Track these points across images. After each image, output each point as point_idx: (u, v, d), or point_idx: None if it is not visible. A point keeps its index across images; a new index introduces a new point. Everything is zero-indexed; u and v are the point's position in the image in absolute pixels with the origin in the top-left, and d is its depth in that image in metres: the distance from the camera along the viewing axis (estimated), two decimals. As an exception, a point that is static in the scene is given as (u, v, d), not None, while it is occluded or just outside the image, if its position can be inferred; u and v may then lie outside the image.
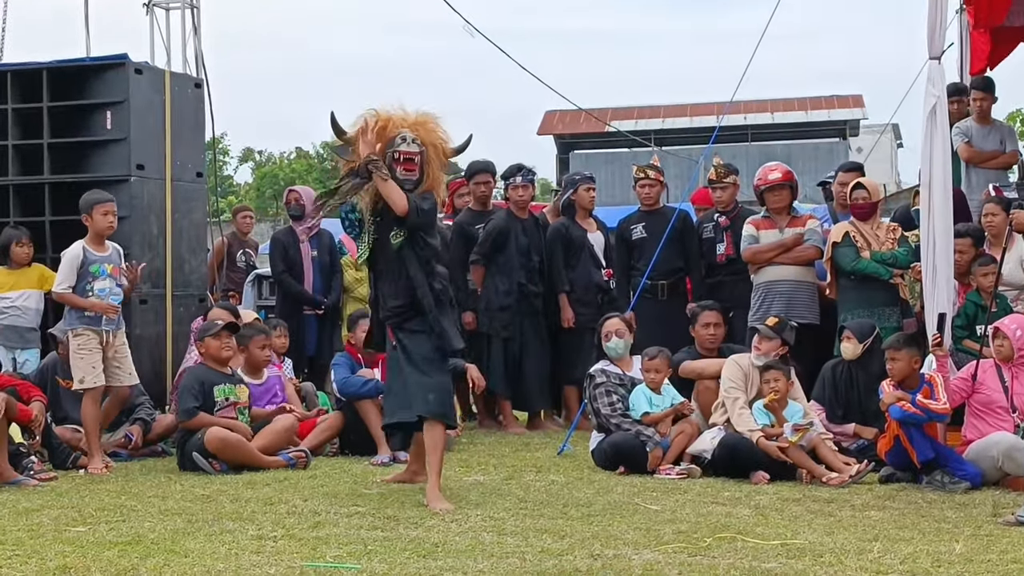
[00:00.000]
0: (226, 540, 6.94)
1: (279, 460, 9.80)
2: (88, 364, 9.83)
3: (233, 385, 10.14)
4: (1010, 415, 9.02)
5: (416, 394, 8.31)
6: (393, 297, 8.40)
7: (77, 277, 9.91)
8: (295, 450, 9.96)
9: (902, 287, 10.59)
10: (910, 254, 10.54)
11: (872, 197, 10.82)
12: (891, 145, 51.32)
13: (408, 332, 8.38)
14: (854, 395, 9.89)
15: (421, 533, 7.14)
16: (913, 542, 6.94)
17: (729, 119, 40.91)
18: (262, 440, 9.97)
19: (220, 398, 10.03)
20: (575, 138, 51.55)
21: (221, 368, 10.19)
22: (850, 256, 10.66)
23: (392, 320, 8.44)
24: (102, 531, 7.25)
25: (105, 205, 10.04)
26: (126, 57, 12.49)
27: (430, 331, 8.33)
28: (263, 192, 64.12)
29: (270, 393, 10.76)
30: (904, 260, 10.54)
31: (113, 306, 9.95)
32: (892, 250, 10.61)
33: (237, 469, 9.63)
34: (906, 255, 10.55)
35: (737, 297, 11.42)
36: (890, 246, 10.65)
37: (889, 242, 10.67)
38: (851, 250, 10.67)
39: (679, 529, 7.29)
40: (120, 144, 12.33)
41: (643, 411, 9.79)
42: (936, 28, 9.51)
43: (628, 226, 12.57)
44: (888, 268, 10.55)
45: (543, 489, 8.79)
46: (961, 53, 14.68)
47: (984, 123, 12.94)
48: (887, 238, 10.70)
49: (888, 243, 10.67)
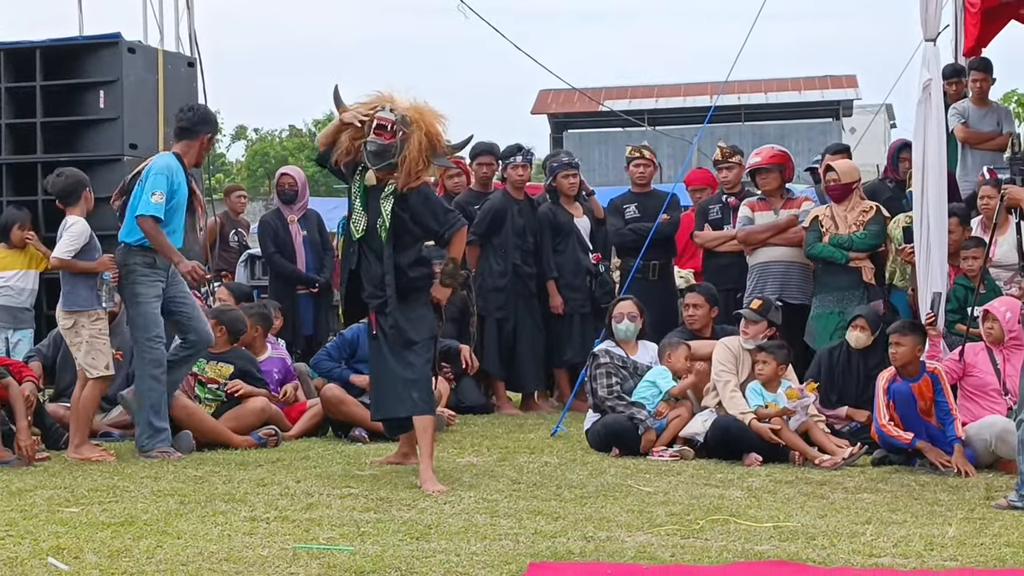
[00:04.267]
0: (219, 521, 6.93)
1: (248, 439, 9.83)
2: (107, 350, 9.65)
3: (204, 360, 10.19)
4: (1002, 398, 9.04)
5: (402, 393, 8.29)
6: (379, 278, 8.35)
7: (82, 250, 9.58)
8: (265, 428, 9.99)
9: (866, 269, 10.57)
10: (872, 237, 10.55)
11: (842, 179, 10.78)
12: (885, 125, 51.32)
13: (392, 315, 8.30)
14: (852, 381, 9.88)
15: (414, 515, 7.14)
16: (906, 525, 6.95)
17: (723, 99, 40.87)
18: (231, 419, 10.04)
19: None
20: (569, 117, 51.52)
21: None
22: (809, 240, 10.71)
23: (377, 302, 8.37)
24: (95, 512, 7.24)
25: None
26: (119, 36, 12.46)
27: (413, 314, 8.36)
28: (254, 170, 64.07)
29: (269, 373, 10.76)
30: (861, 244, 10.54)
31: (111, 260, 9.70)
32: (852, 233, 10.59)
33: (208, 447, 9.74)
34: (864, 239, 10.55)
35: (742, 278, 11.42)
36: (855, 229, 10.63)
37: (856, 225, 10.65)
38: (813, 234, 10.71)
39: (672, 511, 7.29)
40: (113, 123, 12.32)
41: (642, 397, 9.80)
42: (931, 10, 9.50)
43: (621, 204, 12.64)
44: (844, 252, 10.54)
45: (536, 471, 8.79)
46: (956, 34, 14.66)
47: (981, 104, 12.93)
48: (856, 221, 10.67)
49: (854, 226, 10.64)
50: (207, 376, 10.22)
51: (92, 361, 9.48)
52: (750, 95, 48.75)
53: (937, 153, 9.46)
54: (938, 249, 9.43)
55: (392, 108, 8.23)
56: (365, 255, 8.40)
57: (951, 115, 12.24)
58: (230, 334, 10.45)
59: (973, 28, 13.93)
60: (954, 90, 13.04)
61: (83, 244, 9.55)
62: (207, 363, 10.23)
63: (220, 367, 10.28)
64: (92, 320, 9.51)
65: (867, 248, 10.57)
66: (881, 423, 8.94)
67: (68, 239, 9.53)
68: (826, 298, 10.56)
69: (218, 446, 9.75)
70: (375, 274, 8.35)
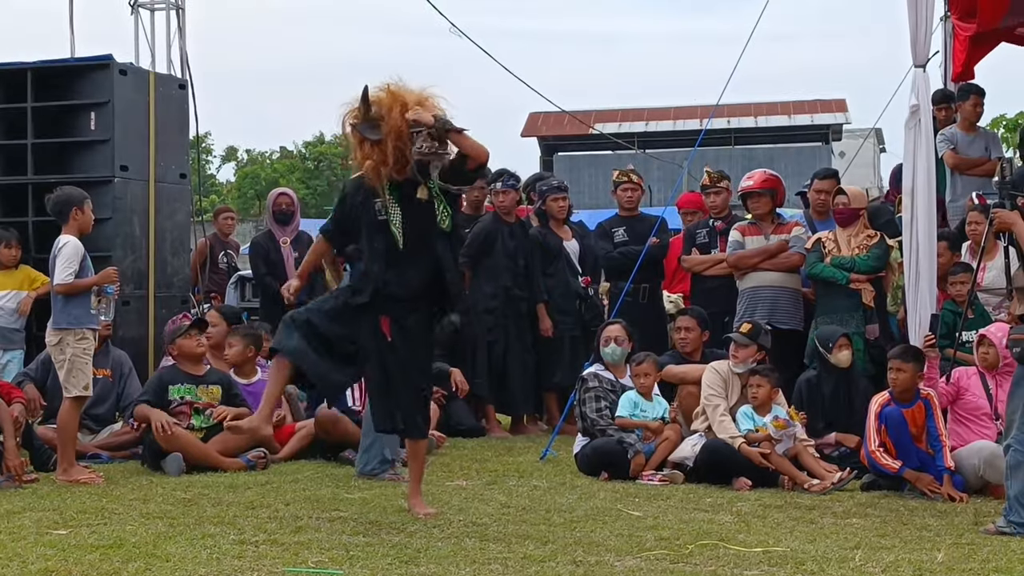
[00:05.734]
0: (207, 544, 6.92)
1: (237, 462, 9.82)
2: (88, 371, 9.60)
3: (195, 386, 10.16)
4: (993, 422, 9.05)
5: (408, 413, 7.96)
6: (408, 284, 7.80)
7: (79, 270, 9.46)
8: (254, 451, 9.98)
9: (866, 292, 10.60)
10: (874, 260, 10.58)
11: (852, 203, 10.85)
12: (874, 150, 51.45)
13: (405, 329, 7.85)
14: (836, 406, 9.89)
15: (403, 539, 7.14)
16: (895, 550, 6.96)
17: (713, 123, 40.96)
18: (220, 442, 10.01)
19: (175, 396, 10.14)
20: (559, 140, 51.58)
21: (192, 369, 10.28)
22: (811, 261, 10.74)
23: (400, 308, 7.83)
24: (83, 534, 7.23)
25: (88, 201, 9.88)
26: (111, 58, 12.47)
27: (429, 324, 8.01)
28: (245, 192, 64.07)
29: (258, 395, 10.72)
30: (864, 266, 10.57)
31: (116, 273, 9.69)
32: (855, 256, 10.63)
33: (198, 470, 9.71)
34: (867, 260, 10.58)
35: (732, 302, 11.42)
36: (859, 252, 10.66)
37: (859, 248, 10.68)
38: (815, 255, 10.74)
39: (661, 536, 7.29)
40: (104, 145, 12.32)
41: (620, 415, 9.82)
42: (921, 36, 9.54)
43: (609, 228, 12.70)
44: (844, 273, 10.57)
45: (526, 494, 8.79)
46: (945, 60, 14.74)
47: (969, 130, 12.97)
48: (860, 245, 10.70)
49: (857, 250, 10.68)
50: (203, 402, 10.18)
51: (73, 380, 9.41)
52: (740, 119, 48.89)
53: (926, 178, 9.49)
54: (927, 274, 9.45)
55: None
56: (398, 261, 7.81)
57: (939, 141, 12.28)
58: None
59: (961, 53, 13.99)
60: (943, 116, 13.10)
61: (78, 263, 9.46)
62: (198, 388, 10.20)
63: (211, 390, 10.25)
64: (78, 339, 9.44)
65: (869, 270, 10.59)
66: (870, 448, 8.95)
67: (63, 262, 9.42)
68: (826, 320, 10.54)
69: (207, 469, 9.73)
70: (410, 279, 7.79)
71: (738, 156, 45.09)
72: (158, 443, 9.79)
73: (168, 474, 9.59)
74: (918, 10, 9.48)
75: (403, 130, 7.58)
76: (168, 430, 9.74)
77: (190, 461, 9.77)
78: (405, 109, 7.59)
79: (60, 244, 9.53)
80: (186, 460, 9.75)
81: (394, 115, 7.59)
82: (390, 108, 7.61)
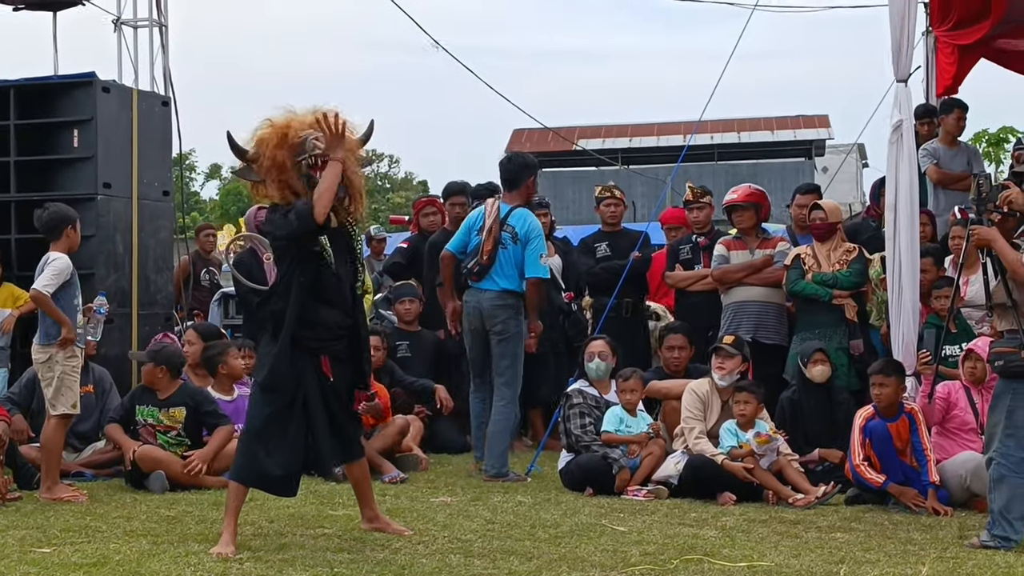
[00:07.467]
0: (191, 562, 6.90)
1: (222, 479, 9.76)
2: (77, 389, 9.52)
3: (157, 409, 10.11)
4: (979, 437, 9.05)
5: (352, 438, 7.84)
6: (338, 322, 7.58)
7: (62, 287, 9.40)
8: None
9: (848, 307, 10.62)
10: (856, 275, 10.62)
11: (829, 218, 10.89)
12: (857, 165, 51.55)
13: (342, 362, 7.65)
14: (818, 421, 9.91)
15: (388, 555, 7.12)
16: (879, 564, 6.97)
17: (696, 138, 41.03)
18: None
19: (139, 418, 10.14)
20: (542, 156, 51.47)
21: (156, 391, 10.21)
22: (792, 278, 10.76)
23: (333, 348, 7.60)
24: (67, 552, 7.20)
25: (79, 221, 9.84)
26: (94, 75, 12.44)
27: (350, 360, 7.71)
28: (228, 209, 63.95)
29: (240, 411, 10.68)
30: (847, 282, 10.61)
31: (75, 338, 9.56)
32: (836, 271, 10.66)
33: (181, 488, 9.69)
34: (849, 276, 10.62)
35: (716, 316, 11.43)
36: (839, 267, 10.70)
37: (839, 264, 10.72)
38: (795, 272, 10.76)
39: (646, 551, 7.29)
40: (87, 162, 12.28)
41: (607, 430, 9.82)
42: (903, 51, 9.58)
43: (592, 243, 12.70)
44: (828, 289, 10.60)
45: (510, 510, 8.78)
46: (927, 75, 14.78)
47: (951, 145, 13.02)
48: (840, 260, 10.74)
49: (837, 265, 10.71)
50: (164, 424, 10.12)
51: (60, 398, 9.35)
52: (723, 134, 48.94)
53: (909, 193, 9.52)
54: (910, 289, 9.47)
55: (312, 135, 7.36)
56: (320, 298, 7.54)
57: (921, 156, 12.32)
58: (171, 371, 10.27)
59: (950, 66, 14.03)
60: (926, 130, 13.15)
61: (64, 280, 9.43)
62: (160, 411, 10.13)
63: (173, 412, 10.13)
64: (67, 356, 9.39)
65: (851, 286, 10.63)
66: (855, 463, 8.97)
67: (50, 274, 9.34)
68: (807, 336, 10.56)
69: (191, 487, 9.70)
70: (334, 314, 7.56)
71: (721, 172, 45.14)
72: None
73: (152, 492, 9.57)
74: (900, 25, 9.52)
75: (282, 162, 7.40)
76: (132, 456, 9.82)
77: (173, 480, 9.74)
78: (283, 141, 7.39)
79: (51, 259, 9.43)
80: (169, 479, 9.72)
81: (268, 152, 7.40)
82: (267, 144, 7.42)
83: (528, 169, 10.64)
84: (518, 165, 10.67)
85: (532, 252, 10.32)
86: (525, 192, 10.60)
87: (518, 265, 10.36)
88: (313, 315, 7.44)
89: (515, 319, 10.42)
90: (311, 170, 7.36)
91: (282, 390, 7.41)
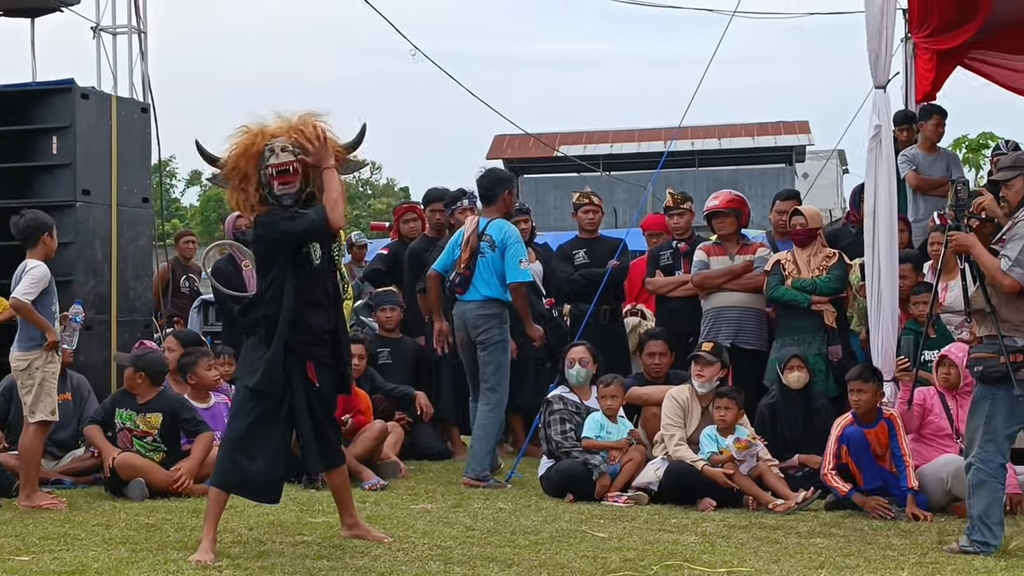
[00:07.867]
0: (170, 570, 6.89)
1: (202, 487, 9.73)
2: (55, 395, 9.48)
3: (135, 413, 10.08)
4: (954, 442, 9.08)
5: (334, 444, 7.81)
6: (323, 326, 7.56)
7: (40, 294, 9.38)
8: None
9: (828, 313, 10.65)
10: (836, 281, 10.64)
11: (809, 223, 10.92)
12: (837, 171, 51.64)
13: (326, 367, 7.64)
14: (796, 427, 9.93)
15: (367, 562, 7.12)
16: (859, 569, 6.98)
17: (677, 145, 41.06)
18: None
19: (118, 421, 10.12)
20: (524, 162, 51.57)
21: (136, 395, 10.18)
22: (771, 284, 10.78)
23: (318, 353, 7.57)
24: (45, 560, 7.17)
25: (55, 228, 9.80)
26: (72, 82, 12.40)
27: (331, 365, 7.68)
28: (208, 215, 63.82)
29: (218, 418, 10.67)
30: (826, 288, 10.64)
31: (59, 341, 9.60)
32: (816, 277, 10.69)
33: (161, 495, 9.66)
34: (828, 282, 10.65)
35: (696, 322, 11.44)
36: (818, 273, 10.72)
37: (819, 269, 10.75)
38: (775, 278, 10.79)
39: (626, 557, 7.29)
40: (66, 169, 12.22)
41: (587, 436, 9.82)
42: (881, 57, 9.59)
43: (570, 250, 12.70)
44: (807, 295, 10.63)
45: (491, 517, 8.77)
46: (907, 81, 14.82)
47: (931, 151, 13.06)
48: (820, 265, 10.77)
49: (817, 270, 10.74)
50: (140, 430, 10.09)
51: (39, 404, 9.32)
52: (704, 140, 48.96)
53: (888, 199, 9.53)
54: (889, 295, 9.48)
55: (279, 144, 7.39)
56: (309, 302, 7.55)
57: (901, 162, 12.37)
58: (151, 378, 10.23)
59: (929, 72, 14.06)
60: (905, 136, 13.19)
61: (43, 288, 9.40)
62: (137, 416, 10.10)
63: (149, 418, 10.08)
64: (47, 362, 9.36)
65: (831, 292, 10.66)
66: (823, 472, 9.01)
67: (28, 282, 9.32)
68: (787, 341, 10.59)
69: (170, 494, 9.67)
70: (321, 319, 7.57)
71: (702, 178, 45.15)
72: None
73: (131, 499, 9.53)
74: (878, 31, 9.54)
75: (244, 171, 7.44)
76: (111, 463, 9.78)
77: (153, 487, 9.71)
78: (248, 150, 7.42)
79: (29, 267, 9.41)
80: (148, 487, 9.69)
81: (232, 159, 7.45)
82: (234, 152, 7.47)
83: (502, 184, 10.70)
84: (491, 180, 10.76)
85: (511, 257, 10.35)
86: (503, 206, 10.65)
87: (498, 272, 10.38)
88: (301, 320, 7.44)
89: (499, 327, 10.45)
90: (271, 180, 7.38)
91: (274, 395, 7.40)
